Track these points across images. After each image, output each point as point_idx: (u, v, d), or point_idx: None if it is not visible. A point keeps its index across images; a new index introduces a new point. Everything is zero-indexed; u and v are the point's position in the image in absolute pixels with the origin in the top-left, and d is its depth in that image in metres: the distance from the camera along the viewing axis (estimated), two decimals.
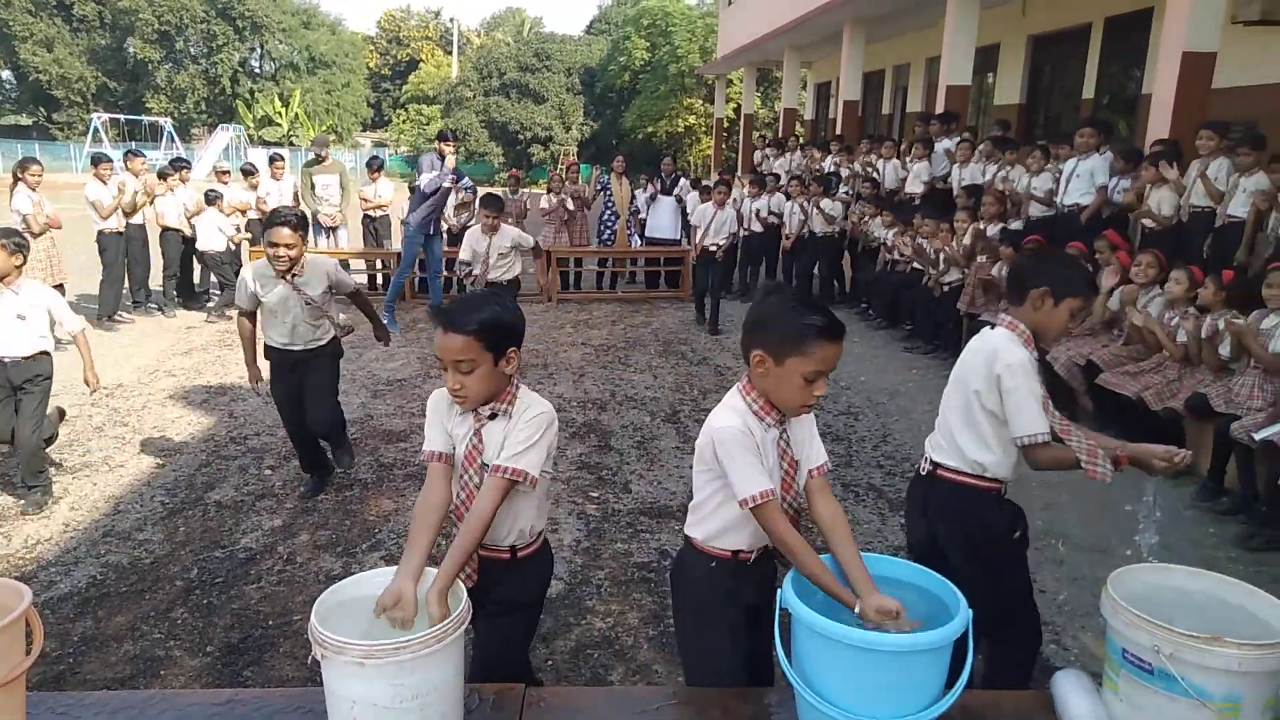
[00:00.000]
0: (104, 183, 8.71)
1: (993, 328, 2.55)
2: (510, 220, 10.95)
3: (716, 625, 2.08)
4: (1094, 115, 9.55)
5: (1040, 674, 3.13)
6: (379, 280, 10.88)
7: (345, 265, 10.80)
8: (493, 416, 2.12)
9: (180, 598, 3.70)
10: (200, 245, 9.57)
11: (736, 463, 1.90)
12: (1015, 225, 7.73)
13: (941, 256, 8.02)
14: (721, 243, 8.94)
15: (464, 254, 7.00)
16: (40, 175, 7.89)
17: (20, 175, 7.72)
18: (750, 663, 2.12)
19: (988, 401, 2.44)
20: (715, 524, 2.04)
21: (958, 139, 9.42)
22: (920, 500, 2.66)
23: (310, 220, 10.31)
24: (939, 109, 10.60)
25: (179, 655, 3.29)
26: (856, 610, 1.75)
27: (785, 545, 1.88)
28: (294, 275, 4.35)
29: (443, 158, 8.51)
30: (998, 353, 2.42)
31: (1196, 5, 6.70)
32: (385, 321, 9.24)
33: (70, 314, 4.61)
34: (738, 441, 1.91)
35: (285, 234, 4.23)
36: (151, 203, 9.35)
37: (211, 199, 9.66)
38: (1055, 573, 4.02)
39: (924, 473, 2.64)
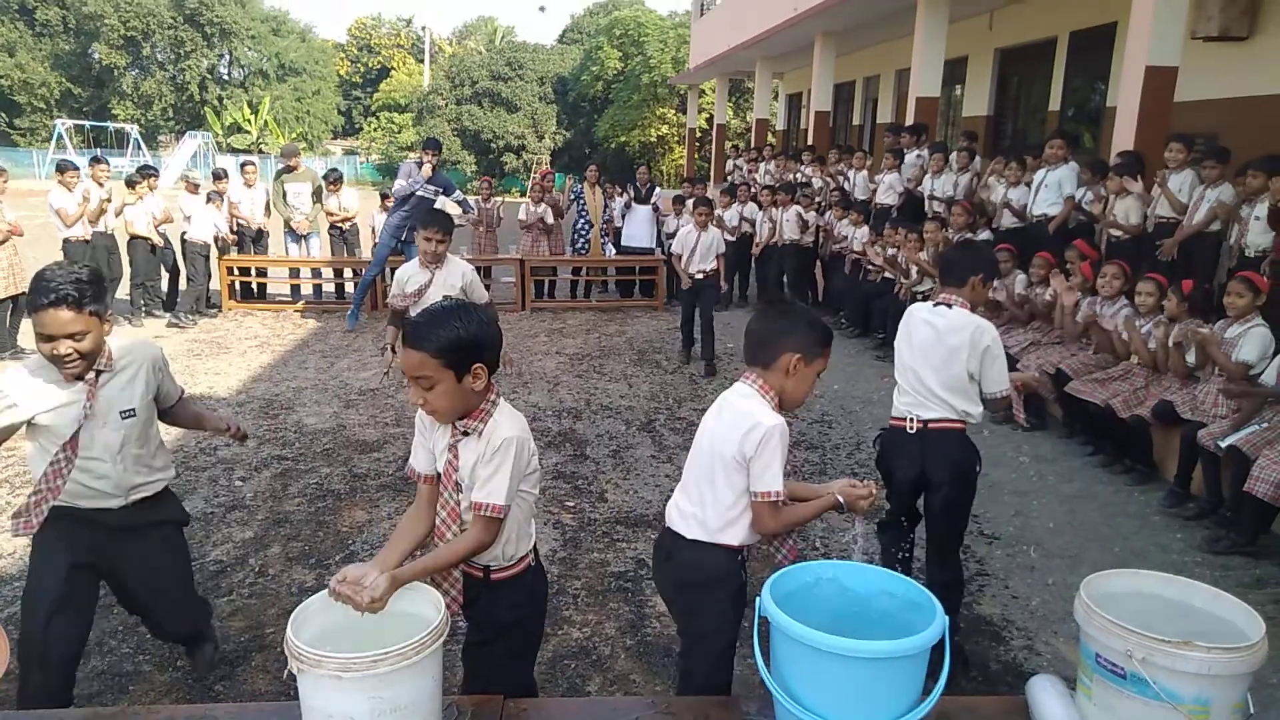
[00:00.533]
0: (69, 190, 8.59)
1: (949, 306, 3.16)
2: (481, 230, 10.97)
3: (736, 624, 2.28)
4: (1061, 127, 9.72)
5: (1014, 679, 3.17)
6: (347, 289, 10.79)
7: (317, 273, 10.92)
8: (466, 434, 2.04)
9: None
10: (189, 235, 9.79)
11: (776, 458, 2.10)
12: (984, 235, 7.83)
13: (913, 266, 8.11)
14: (708, 269, 7.92)
15: (393, 294, 4.90)
16: (4, 182, 7.77)
17: None
18: None
19: (972, 367, 3.10)
20: (746, 523, 2.18)
21: (929, 150, 9.52)
22: (915, 451, 3.19)
23: (284, 228, 10.29)
24: (909, 120, 10.73)
25: (148, 670, 3.24)
26: (840, 498, 2.19)
27: (785, 524, 2.19)
28: (98, 372, 2.55)
29: (420, 164, 8.52)
30: (982, 329, 3.08)
31: (1158, 21, 6.85)
32: (349, 313, 9.34)
33: None
34: (785, 438, 2.12)
35: (65, 318, 2.38)
36: (119, 212, 9.25)
37: (210, 198, 10.07)
38: (1027, 578, 4.07)
39: (913, 430, 3.18)
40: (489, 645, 2.19)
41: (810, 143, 14.11)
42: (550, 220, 10.90)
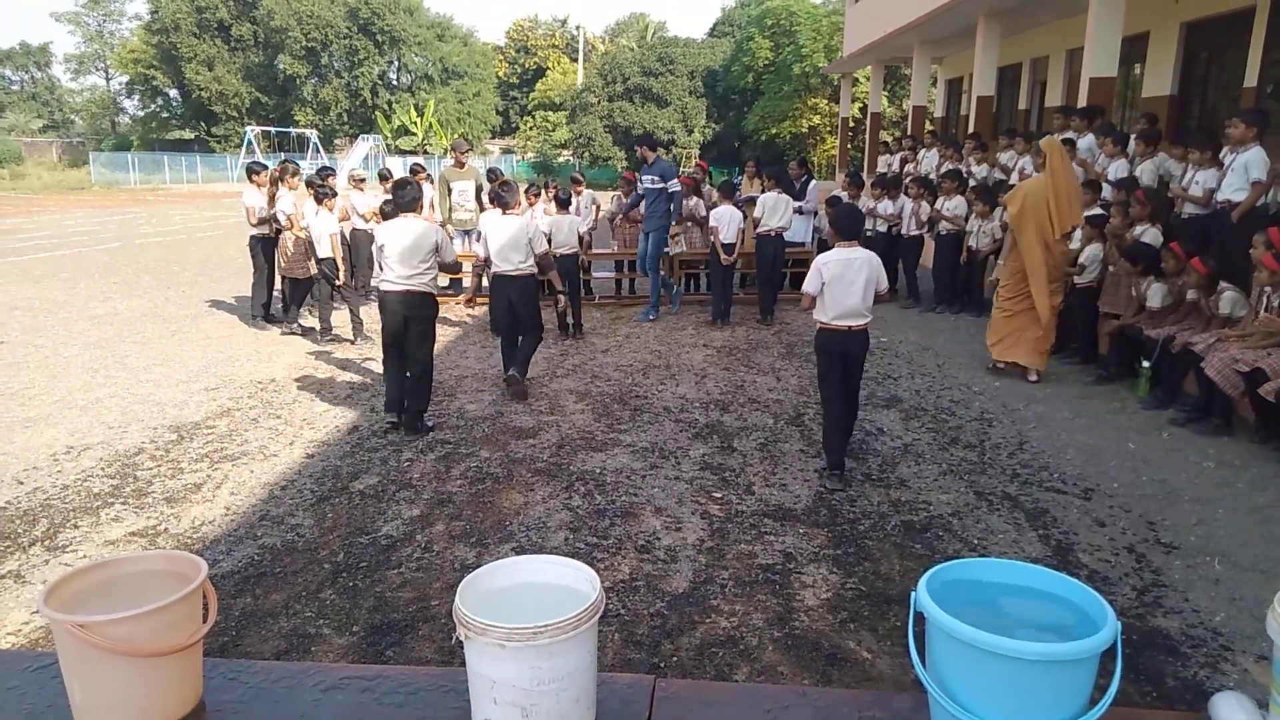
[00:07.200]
0: (259, 189, 9.30)
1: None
2: (627, 227, 11.11)
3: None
4: (1257, 105, 8.87)
5: (1194, 698, 2.96)
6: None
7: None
8: None
9: (329, 580, 3.94)
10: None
11: None
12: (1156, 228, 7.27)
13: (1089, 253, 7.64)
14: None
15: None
16: (299, 179, 8.59)
17: (282, 179, 8.39)
18: None
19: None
20: None
21: (1099, 132, 8.88)
22: (852, 344, 4.94)
23: (442, 223, 10.78)
24: (1081, 102, 10.08)
25: (328, 633, 3.51)
26: None
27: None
28: None
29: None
30: (877, 258, 4.89)
31: None
32: (649, 308, 10.08)
33: None
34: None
35: None
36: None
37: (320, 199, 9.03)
38: (1210, 592, 3.77)
39: (848, 329, 4.87)
40: None
41: (973, 129, 13.50)
42: (701, 214, 10.89)
